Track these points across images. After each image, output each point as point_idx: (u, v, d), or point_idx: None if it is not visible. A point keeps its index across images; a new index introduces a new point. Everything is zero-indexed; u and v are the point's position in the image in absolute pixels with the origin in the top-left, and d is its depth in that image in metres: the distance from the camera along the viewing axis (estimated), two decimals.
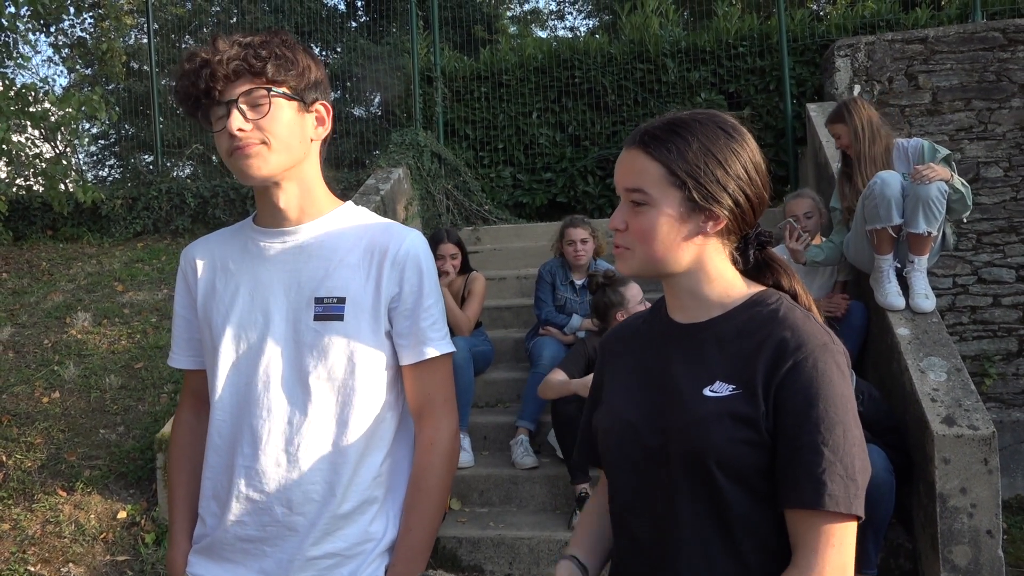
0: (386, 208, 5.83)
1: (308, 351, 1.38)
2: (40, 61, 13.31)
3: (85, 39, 11.00)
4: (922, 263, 3.68)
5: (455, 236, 4.68)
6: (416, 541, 1.41)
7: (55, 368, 4.92)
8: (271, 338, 1.40)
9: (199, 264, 1.50)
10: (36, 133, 6.49)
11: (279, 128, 1.35)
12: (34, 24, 8.69)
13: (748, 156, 1.16)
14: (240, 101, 1.33)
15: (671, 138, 1.15)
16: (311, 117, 1.42)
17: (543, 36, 11.26)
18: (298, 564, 1.37)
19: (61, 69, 11.79)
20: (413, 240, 1.44)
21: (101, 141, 11.66)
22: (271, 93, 1.34)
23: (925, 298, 3.64)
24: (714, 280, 1.19)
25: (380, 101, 10.28)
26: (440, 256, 4.46)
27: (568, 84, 7.37)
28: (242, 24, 10.78)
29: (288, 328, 1.40)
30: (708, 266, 1.18)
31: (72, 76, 11.15)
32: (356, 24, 11.92)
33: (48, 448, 4.30)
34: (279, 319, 1.40)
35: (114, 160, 11.74)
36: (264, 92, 1.34)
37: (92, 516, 3.90)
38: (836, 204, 4.04)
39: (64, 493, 4.02)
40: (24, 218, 7.24)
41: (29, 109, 5.00)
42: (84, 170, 10.72)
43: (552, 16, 14.46)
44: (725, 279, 1.19)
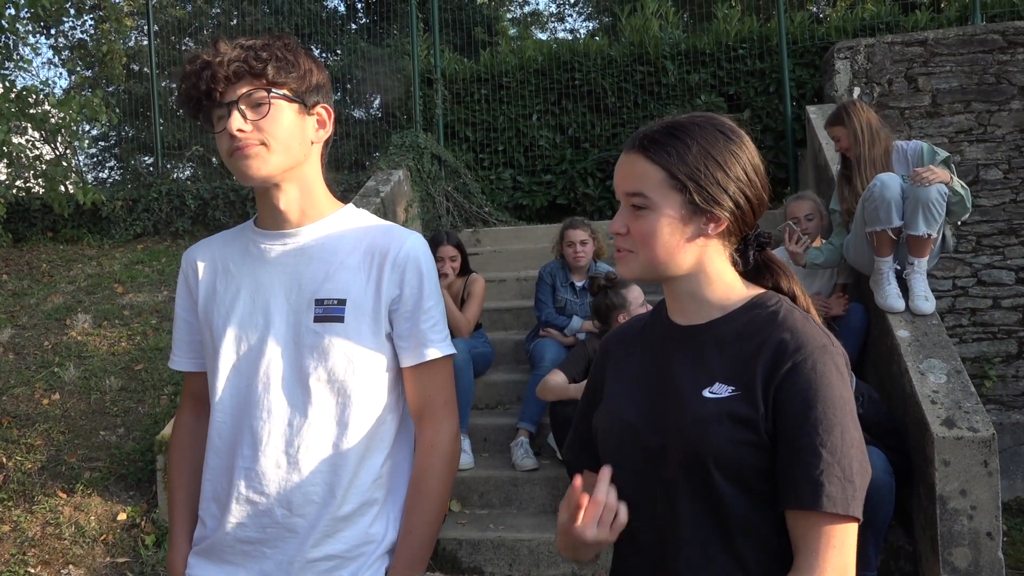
0: (386, 210, 5.83)
1: (308, 353, 1.38)
2: (40, 63, 13.32)
3: (85, 41, 11.01)
4: (922, 265, 3.68)
5: (455, 238, 4.68)
6: (416, 543, 1.41)
7: (55, 370, 4.92)
8: (271, 340, 1.40)
9: (200, 266, 1.51)
10: (36, 135, 6.49)
11: (279, 129, 1.36)
12: (34, 26, 8.71)
13: (747, 158, 1.17)
14: (240, 102, 1.33)
15: (671, 142, 1.15)
16: (312, 119, 1.43)
17: (543, 38, 11.28)
18: (298, 566, 1.37)
19: (61, 71, 11.78)
20: (414, 242, 1.44)
21: (101, 143, 11.67)
22: (271, 94, 1.35)
23: (925, 300, 3.65)
24: (714, 282, 1.19)
25: (380, 103, 10.30)
26: (440, 258, 4.46)
27: (568, 86, 7.37)
28: (242, 26, 10.79)
29: (288, 330, 1.40)
30: (709, 268, 1.19)
31: (72, 78, 11.15)
32: (356, 26, 11.93)
33: (48, 450, 4.30)
34: (279, 321, 1.41)
35: (114, 162, 11.75)
36: (264, 93, 1.34)
37: (92, 518, 3.90)
38: (836, 206, 4.05)
39: (64, 495, 4.02)
40: (24, 220, 7.25)
41: (29, 111, 5.01)
42: (84, 172, 10.72)
43: (552, 18, 14.50)
44: (725, 281, 1.20)
